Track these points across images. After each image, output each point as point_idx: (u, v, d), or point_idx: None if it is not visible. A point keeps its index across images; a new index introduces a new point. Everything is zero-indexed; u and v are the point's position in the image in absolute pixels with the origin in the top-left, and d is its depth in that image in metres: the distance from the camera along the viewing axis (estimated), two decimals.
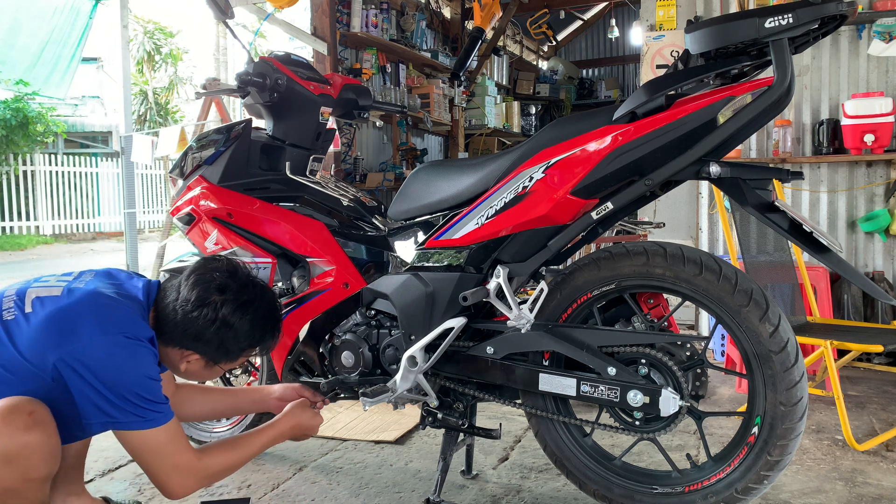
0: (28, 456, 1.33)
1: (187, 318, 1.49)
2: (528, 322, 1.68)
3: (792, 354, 1.51)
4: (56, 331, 1.38)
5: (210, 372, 1.62)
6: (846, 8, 1.34)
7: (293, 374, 2.11)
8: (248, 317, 1.53)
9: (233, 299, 1.51)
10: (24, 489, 1.35)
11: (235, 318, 1.51)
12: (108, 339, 1.39)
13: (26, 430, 1.33)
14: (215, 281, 1.52)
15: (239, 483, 2.13)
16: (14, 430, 1.31)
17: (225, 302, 1.50)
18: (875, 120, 3.43)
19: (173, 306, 1.50)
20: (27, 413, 1.34)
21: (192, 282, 1.51)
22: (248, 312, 1.53)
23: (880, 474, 2.19)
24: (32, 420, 1.34)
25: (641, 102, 1.50)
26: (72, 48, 9.16)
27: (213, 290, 1.50)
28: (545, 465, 2.23)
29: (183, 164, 2.20)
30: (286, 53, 2.21)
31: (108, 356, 1.38)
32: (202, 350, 1.53)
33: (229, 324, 1.50)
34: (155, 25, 15.29)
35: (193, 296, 1.49)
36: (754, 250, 2.86)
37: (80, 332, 1.38)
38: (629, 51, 10.21)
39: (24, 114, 11.22)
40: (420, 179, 1.88)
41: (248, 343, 1.56)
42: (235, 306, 1.51)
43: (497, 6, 4.76)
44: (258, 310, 1.56)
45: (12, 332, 1.40)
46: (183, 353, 1.54)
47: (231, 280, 1.54)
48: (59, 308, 1.41)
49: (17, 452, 1.32)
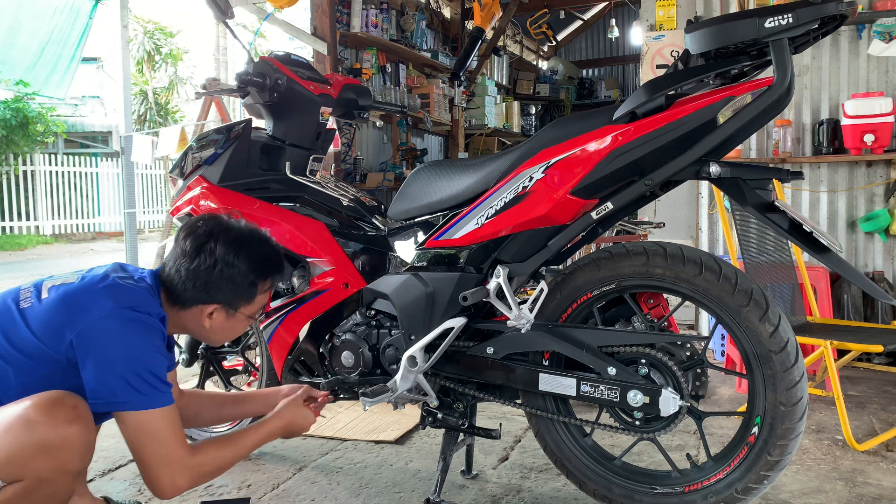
0: (67, 448, 1.35)
1: (189, 271, 1.53)
2: (528, 322, 1.68)
3: (792, 354, 1.51)
4: (69, 307, 1.42)
5: (235, 323, 1.63)
6: (846, 8, 1.34)
7: (293, 374, 2.11)
8: (245, 251, 1.56)
9: (223, 239, 1.55)
10: (57, 481, 1.37)
11: (232, 254, 1.54)
12: (120, 312, 1.42)
13: (69, 423, 1.35)
14: (200, 229, 1.56)
15: (239, 483, 2.13)
16: (58, 421, 1.34)
17: (217, 242, 1.54)
18: (875, 120, 3.43)
19: (175, 268, 1.54)
20: (71, 406, 1.37)
21: (181, 239, 1.56)
22: (242, 247, 1.56)
23: (880, 474, 2.20)
24: (75, 414, 1.37)
25: (641, 102, 1.50)
26: (72, 48, 9.16)
27: (202, 238, 1.55)
28: (545, 465, 2.23)
29: (183, 164, 2.20)
30: (286, 53, 2.21)
31: (119, 330, 1.41)
32: (217, 298, 1.56)
33: (229, 262, 1.54)
34: (155, 25, 15.29)
35: (187, 248, 1.54)
36: (754, 250, 2.86)
37: (92, 307, 1.42)
38: (629, 51, 10.20)
39: (24, 114, 11.22)
40: (420, 179, 1.88)
41: (255, 276, 1.58)
42: (228, 244, 1.55)
43: (497, 6, 4.76)
44: (252, 243, 1.59)
45: (28, 317, 1.43)
46: (203, 310, 1.57)
47: (215, 224, 1.58)
48: (73, 289, 1.46)
49: (58, 444, 1.34)
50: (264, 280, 1.62)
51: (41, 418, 1.33)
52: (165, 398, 1.45)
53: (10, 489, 1.34)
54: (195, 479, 1.49)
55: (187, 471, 1.46)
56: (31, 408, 1.34)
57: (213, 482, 2.13)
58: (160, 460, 1.43)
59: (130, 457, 2.30)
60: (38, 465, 1.33)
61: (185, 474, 1.45)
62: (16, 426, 1.33)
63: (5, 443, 1.32)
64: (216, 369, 2.40)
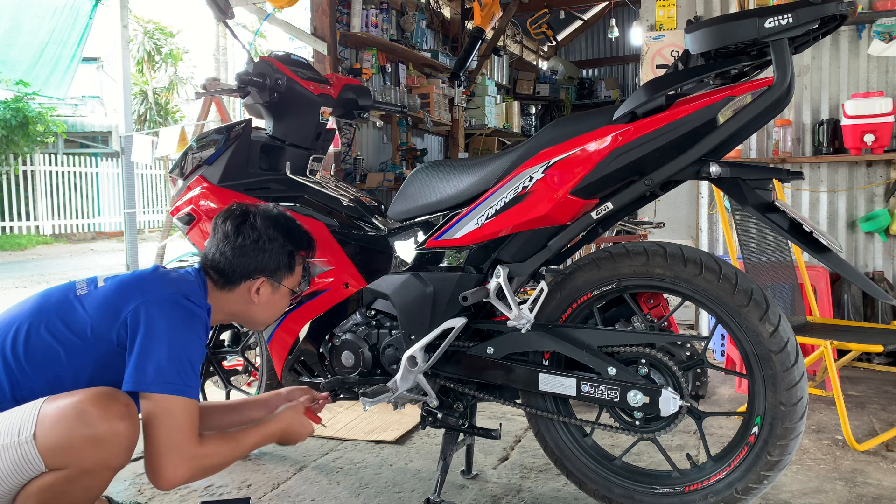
0: (114, 444, 1.38)
1: (235, 248, 1.64)
2: (528, 322, 1.68)
3: (792, 354, 1.51)
4: (126, 290, 1.52)
5: (279, 297, 1.73)
6: (846, 8, 1.34)
7: (293, 374, 2.11)
8: (281, 225, 1.70)
9: (260, 216, 1.68)
10: (98, 474, 1.41)
11: (271, 228, 1.67)
12: (174, 297, 1.51)
13: (121, 419, 1.39)
14: (236, 211, 1.69)
15: (239, 483, 2.13)
16: (111, 416, 1.38)
17: (256, 219, 1.67)
18: (875, 120, 3.43)
19: (220, 251, 1.65)
20: (124, 404, 1.41)
21: (220, 223, 1.68)
22: (278, 221, 1.70)
23: (880, 474, 2.20)
24: (127, 411, 1.41)
25: (641, 102, 1.50)
26: (72, 48, 9.16)
27: (240, 217, 1.67)
28: (545, 465, 2.24)
29: (183, 164, 2.20)
30: (286, 53, 2.21)
31: (170, 314, 1.49)
32: (263, 270, 1.67)
33: (270, 236, 1.66)
34: (155, 25, 15.28)
35: (229, 229, 1.66)
36: (754, 250, 2.86)
37: (150, 289, 1.51)
38: (629, 51, 10.20)
39: (24, 114, 11.21)
40: (420, 179, 1.88)
41: (293, 245, 1.71)
42: (265, 219, 1.68)
43: (497, 6, 4.76)
44: (285, 220, 1.73)
45: (84, 302, 1.52)
46: (250, 287, 1.67)
47: (247, 206, 1.72)
48: (129, 277, 1.57)
49: (107, 438, 1.37)
50: (301, 250, 1.74)
51: (95, 411, 1.36)
52: (194, 391, 1.49)
53: (52, 476, 1.37)
54: (195, 471, 1.49)
55: (190, 460, 1.47)
56: (85, 400, 1.37)
57: (213, 482, 2.13)
58: (169, 446, 1.44)
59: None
60: (84, 456, 1.36)
61: (187, 464, 1.46)
62: (69, 416, 1.36)
63: (57, 431, 1.35)
64: (216, 369, 2.40)
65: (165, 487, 1.47)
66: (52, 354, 1.46)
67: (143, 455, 1.46)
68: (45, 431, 1.35)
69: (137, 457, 1.49)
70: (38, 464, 1.36)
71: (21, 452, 1.35)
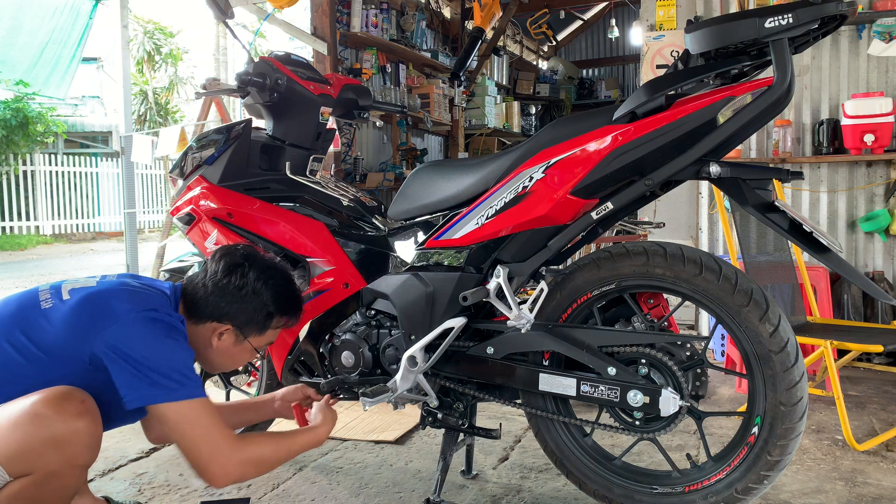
0: (76, 442, 1.37)
1: (218, 286, 1.59)
2: (528, 322, 1.68)
3: (792, 354, 1.51)
4: (93, 310, 1.46)
5: (240, 350, 1.67)
6: (846, 8, 1.34)
7: (293, 374, 2.11)
8: (273, 283, 1.64)
9: (257, 266, 1.64)
10: (66, 474, 1.39)
11: (261, 283, 1.62)
12: (142, 314, 1.47)
13: (78, 417, 1.37)
14: (239, 253, 1.66)
15: (239, 483, 2.13)
16: (67, 415, 1.36)
17: (251, 268, 1.62)
18: (875, 120, 3.43)
19: (203, 283, 1.61)
20: (79, 400, 1.39)
21: (217, 257, 1.64)
22: (271, 279, 1.64)
23: (880, 474, 2.20)
24: (84, 407, 1.39)
25: (641, 102, 1.50)
26: (72, 48, 9.15)
27: (238, 260, 1.63)
28: (545, 465, 2.23)
29: (183, 164, 2.20)
30: (286, 53, 2.21)
31: (143, 332, 1.45)
32: (234, 319, 1.61)
33: (257, 289, 1.61)
34: (155, 25, 15.27)
35: (221, 266, 1.61)
36: (754, 250, 2.86)
37: (117, 310, 1.46)
38: (629, 51, 10.20)
39: (24, 114, 11.21)
40: (420, 179, 1.88)
41: (275, 308, 1.65)
42: (260, 272, 1.63)
43: (497, 6, 4.76)
44: (281, 278, 1.67)
45: (51, 317, 1.46)
46: (215, 328, 1.61)
47: (252, 253, 1.68)
48: (95, 291, 1.51)
49: (67, 438, 1.36)
50: (280, 316, 1.68)
51: (50, 412, 1.34)
52: (198, 390, 1.48)
53: (18, 484, 1.36)
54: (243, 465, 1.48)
55: (235, 453, 1.46)
56: (39, 402, 1.35)
57: None
58: (209, 446, 1.44)
59: (131, 457, 2.30)
60: (47, 458, 1.35)
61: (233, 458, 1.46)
62: (24, 420, 1.34)
63: (14, 437, 1.33)
64: None
65: (220, 484, 1.48)
66: (15, 369, 1.42)
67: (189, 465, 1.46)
68: (1, 441, 1.33)
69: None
70: (1, 474, 1.34)
71: None
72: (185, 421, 1.43)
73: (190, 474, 2.17)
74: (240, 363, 1.74)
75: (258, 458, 1.52)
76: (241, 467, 1.48)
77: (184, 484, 2.13)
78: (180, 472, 2.22)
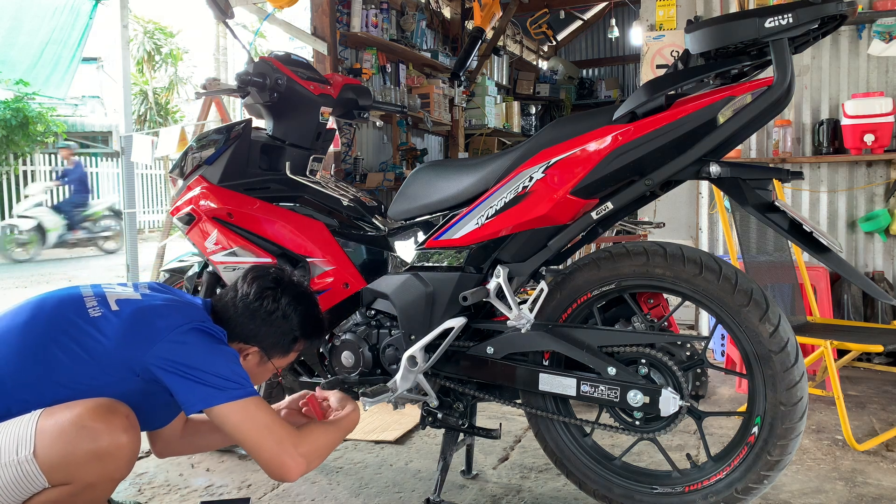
0: (119, 457, 1.37)
1: (249, 308, 1.61)
2: (528, 322, 1.68)
3: (792, 354, 1.51)
4: (145, 324, 1.48)
5: (263, 370, 1.69)
6: (846, 8, 1.34)
7: (293, 373, 2.11)
8: (302, 308, 1.66)
9: (289, 291, 1.65)
10: (102, 487, 1.40)
11: (291, 308, 1.63)
12: (194, 325, 1.50)
13: (123, 432, 1.37)
14: (270, 276, 1.66)
15: (239, 483, 2.13)
16: (114, 430, 1.36)
17: (283, 293, 1.64)
18: (875, 120, 3.43)
19: (233, 302, 1.63)
20: (124, 415, 1.40)
21: (249, 279, 1.65)
22: (301, 304, 1.66)
23: (880, 474, 2.20)
24: (129, 423, 1.40)
25: (641, 102, 1.50)
26: (72, 48, 9.15)
27: (270, 283, 1.64)
28: (545, 465, 2.23)
29: (183, 164, 2.20)
30: (286, 53, 2.21)
31: (197, 341, 1.48)
32: (261, 341, 1.63)
33: (286, 315, 1.63)
34: (155, 25, 15.26)
35: (254, 289, 1.62)
36: (754, 250, 2.86)
37: (170, 324, 1.48)
38: (629, 51, 10.20)
39: (24, 114, 11.20)
40: (420, 179, 1.88)
41: (301, 333, 1.66)
42: (291, 297, 1.64)
43: (497, 6, 4.76)
44: (310, 304, 1.70)
45: (101, 327, 1.47)
46: (242, 349, 1.62)
47: (284, 276, 1.69)
48: (145, 306, 1.53)
49: (112, 452, 1.36)
50: (305, 340, 1.70)
51: (98, 425, 1.34)
52: (253, 389, 1.50)
53: (55, 491, 1.36)
54: (309, 455, 1.50)
55: (299, 444, 1.48)
56: (85, 414, 1.35)
57: (213, 482, 2.13)
58: (275, 445, 1.45)
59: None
60: (88, 470, 1.35)
61: (299, 449, 1.48)
62: (71, 431, 1.33)
63: (59, 447, 1.33)
64: None
65: (293, 476, 1.49)
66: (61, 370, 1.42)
67: (260, 462, 1.48)
68: (45, 448, 1.32)
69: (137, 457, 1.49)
70: (41, 480, 1.34)
71: (21, 470, 1.32)
72: (247, 418, 1.45)
73: (190, 474, 2.18)
74: (259, 381, 1.76)
75: (317, 447, 1.55)
76: (308, 458, 1.50)
77: (184, 484, 2.13)
78: (180, 472, 2.22)
